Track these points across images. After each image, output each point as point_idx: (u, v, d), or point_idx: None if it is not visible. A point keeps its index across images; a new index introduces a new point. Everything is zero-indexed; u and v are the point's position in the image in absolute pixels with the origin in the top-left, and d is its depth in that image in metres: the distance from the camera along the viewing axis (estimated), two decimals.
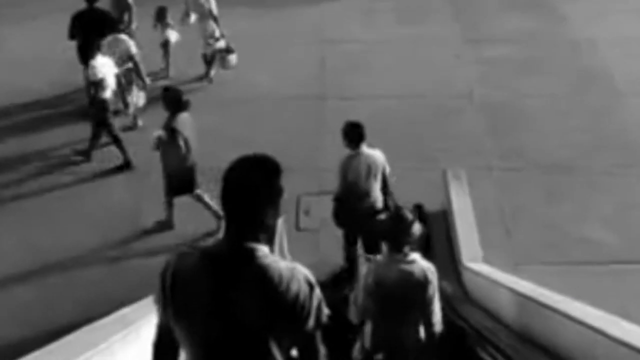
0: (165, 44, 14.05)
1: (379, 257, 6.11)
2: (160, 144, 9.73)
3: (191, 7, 13.61)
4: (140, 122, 12.61)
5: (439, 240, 9.13)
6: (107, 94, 11.52)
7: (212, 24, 13.65)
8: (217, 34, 13.68)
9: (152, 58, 13.52)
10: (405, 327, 5.75)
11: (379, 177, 8.79)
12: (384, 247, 5.84)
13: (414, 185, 10.52)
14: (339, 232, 9.21)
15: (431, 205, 9.66)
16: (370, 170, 8.69)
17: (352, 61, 14.21)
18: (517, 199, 10.99)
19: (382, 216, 6.31)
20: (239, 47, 13.71)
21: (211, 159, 8.90)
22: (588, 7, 16.03)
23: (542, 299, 5.95)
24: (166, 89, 10.19)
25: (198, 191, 10.19)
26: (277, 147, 11.60)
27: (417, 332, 5.76)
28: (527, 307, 6.17)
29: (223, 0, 14.16)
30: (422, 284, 5.58)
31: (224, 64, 13.83)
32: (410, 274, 5.58)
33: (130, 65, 12.28)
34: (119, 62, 12.04)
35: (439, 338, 5.79)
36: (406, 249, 5.66)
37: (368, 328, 5.93)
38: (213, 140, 11.17)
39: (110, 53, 11.92)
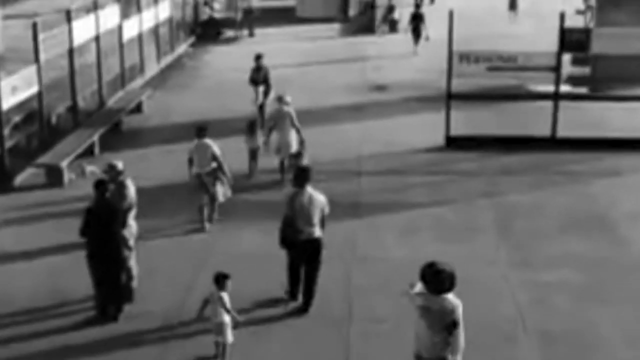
0: (254, 152, 16.85)
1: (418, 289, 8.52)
2: None
3: (276, 118, 16.60)
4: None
5: None
6: None
7: (293, 133, 16.47)
8: (296, 141, 16.63)
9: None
10: (438, 334, 8.29)
11: (318, 214, 11.34)
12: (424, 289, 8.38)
13: None
14: None
15: None
16: (311, 205, 11.25)
17: (381, 281, 12.56)
18: None
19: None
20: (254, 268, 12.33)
21: None
22: None
23: None
24: None
25: None
26: None
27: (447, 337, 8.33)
28: None
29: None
30: (453, 309, 8.28)
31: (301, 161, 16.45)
32: (444, 305, 8.27)
33: (215, 165, 14.32)
34: (207, 163, 14.28)
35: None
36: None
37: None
38: None
39: (200, 155, 14.28)
